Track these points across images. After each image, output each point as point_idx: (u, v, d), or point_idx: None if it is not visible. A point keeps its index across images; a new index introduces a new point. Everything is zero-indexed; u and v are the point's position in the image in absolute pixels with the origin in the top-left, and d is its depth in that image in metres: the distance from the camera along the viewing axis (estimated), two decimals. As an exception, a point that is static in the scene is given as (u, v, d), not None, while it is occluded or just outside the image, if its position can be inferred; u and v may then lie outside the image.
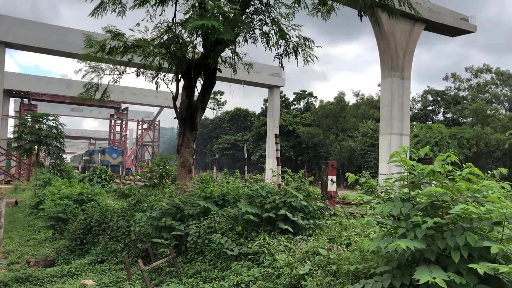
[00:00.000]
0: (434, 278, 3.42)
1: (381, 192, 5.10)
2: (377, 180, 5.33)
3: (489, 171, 4.47)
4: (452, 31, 40.97)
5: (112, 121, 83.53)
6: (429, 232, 4.04)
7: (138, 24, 11.35)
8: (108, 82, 13.60)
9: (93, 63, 13.11)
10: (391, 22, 32.33)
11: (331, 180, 9.99)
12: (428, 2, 32.79)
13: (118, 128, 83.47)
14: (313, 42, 11.72)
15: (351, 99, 74.18)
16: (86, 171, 49.24)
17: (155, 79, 13.29)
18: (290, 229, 7.45)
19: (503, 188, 4.12)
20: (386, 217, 4.66)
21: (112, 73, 13.48)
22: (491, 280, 3.69)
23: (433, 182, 4.46)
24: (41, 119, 24.19)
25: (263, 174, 45.92)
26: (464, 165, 4.36)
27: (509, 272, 3.41)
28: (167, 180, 14.98)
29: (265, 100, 73.91)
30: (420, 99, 63.71)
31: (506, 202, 3.81)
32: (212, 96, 66.03)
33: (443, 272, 3.61)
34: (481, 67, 60.84)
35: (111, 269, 9.00)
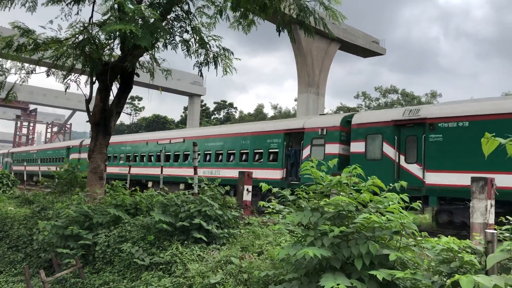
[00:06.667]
0: (338, 285, 3.58)
1: (293, 202, 5.25)
2: (290, 190, 5.50)
3: (390, 184, 4.79)
4: (364, 52, 43.68)
5: (19, 122, 78.16)
6: (336, 240, 4.23)
7: (51, 22, 10.77)
8: (15, 81, 12.67)
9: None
10: (308, 40, 33.70)
11: (247, 189, 10.14)
12: (342, 22, 34.70)
13: (24, 130, 78.22)
14: (232, 53, 11.87)
15: (269, 112, 75.95)
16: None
17: (65, 80, 12.62)
18: (204, 238, 7.41)
19: (402, 200, 4.43)
20: (296, 226, 4.82)
21: (19, 72, 12.59)
22: (390, 285, 3.93)
23: (341, 192, 4.69)
24: None
25: (179, 183, 45.22)
26: (369, 178, 4.64)
27: (405, 278, 3.67)
28: (76, 187, 14.24)
29: (185, 108, 73.14)
30: (333, 114, 66.96)
31: (404, 213, 4.11)
32: (129, 101, 64.07)
33: (347, 279, 3.79)
34: (389, 88, 65.37)
35: (8, 281, 8.36)
